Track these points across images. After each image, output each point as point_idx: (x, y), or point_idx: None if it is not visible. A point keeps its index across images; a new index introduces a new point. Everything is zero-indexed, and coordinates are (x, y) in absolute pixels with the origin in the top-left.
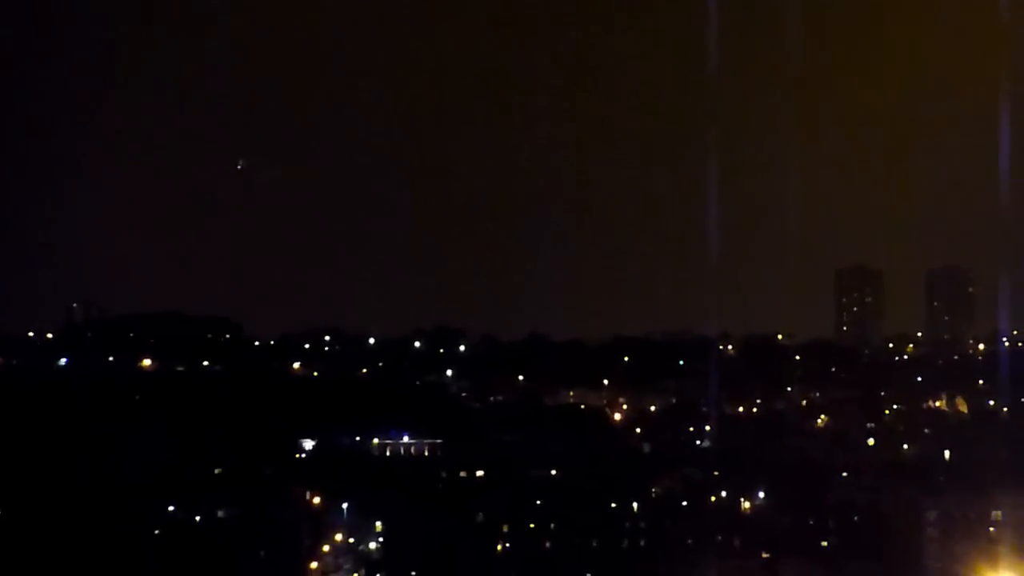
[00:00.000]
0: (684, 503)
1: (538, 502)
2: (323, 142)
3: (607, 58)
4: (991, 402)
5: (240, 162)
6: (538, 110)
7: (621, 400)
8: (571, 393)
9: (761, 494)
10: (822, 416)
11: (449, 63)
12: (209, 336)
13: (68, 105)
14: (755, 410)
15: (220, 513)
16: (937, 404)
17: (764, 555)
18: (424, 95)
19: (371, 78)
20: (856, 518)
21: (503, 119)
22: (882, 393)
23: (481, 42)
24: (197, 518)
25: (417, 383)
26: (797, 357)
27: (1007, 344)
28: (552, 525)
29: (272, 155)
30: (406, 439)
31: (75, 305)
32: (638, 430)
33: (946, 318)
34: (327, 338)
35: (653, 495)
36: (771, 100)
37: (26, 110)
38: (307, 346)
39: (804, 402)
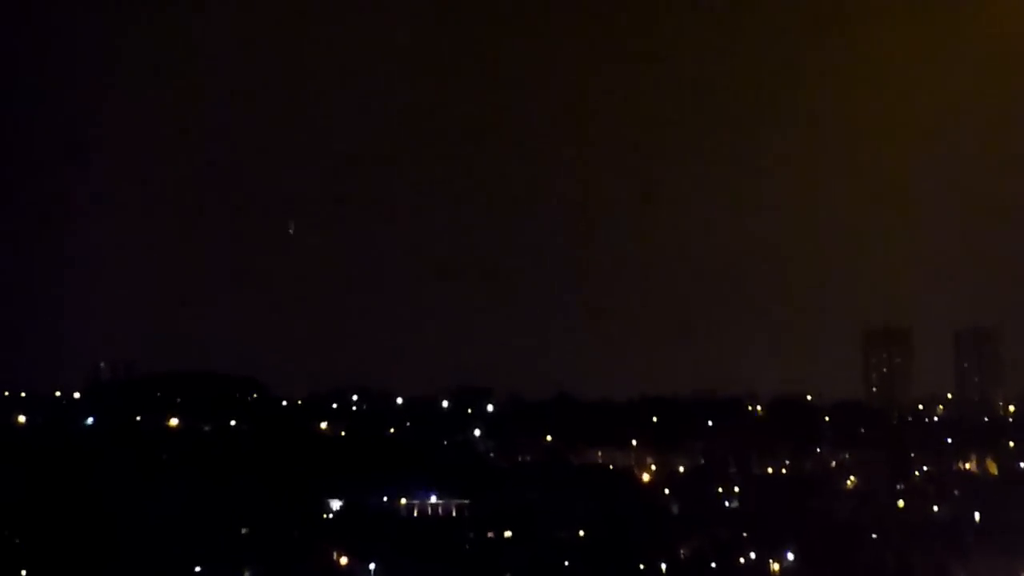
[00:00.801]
0: (712, 564)
1: (566, 562)
2: (347, 202)
3: (621, 106)
4: (1021, 464)
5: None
6: (566, 166)
7: (649, 460)
8: (599, 453)
9: (790, 555)
10: (851, 477)
11: (471, 116)
12: (236, 395)
13: (96, 162)
14: (784, 470)
15: (247, 573)
16: (967, 466)
17: None
18: (446, 151)
19: (391, 134)
20: None
21: (527, 176)
22: (911, 454)
23: (508, 90)
24: None
25: (444, 442)
26: (826, 417)
27: None
28: None
29: (298, 215)
30: (433, 499)
31: (102, 364)
32: (666, 490)
33: (976, 379)
34: (354, 397)
35: (681, 556)
36: (802, 158)
37: (53, 164)
38: (334, 405)
39: (833, 463)
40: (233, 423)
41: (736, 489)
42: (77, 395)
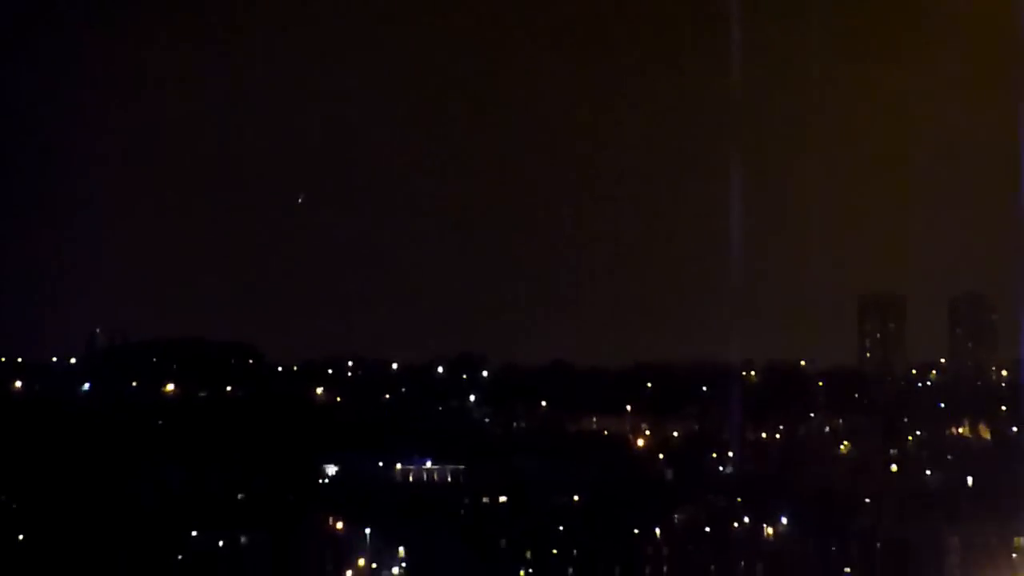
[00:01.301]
0: (707, 529)
1: (560, 528)
2: (344, 170)
3: (626, 77)
4: (1014, 428)
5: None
6: (563, 142)
7: (643, 426)
8: (593, 419)
9: (784, 521)
10: (845, 443)
11: (476, 106)
12: (232, 362)
13: (95, 135)
14: (778, 436)
15: (242, 539)
16: (960, 431)
17: None
18: (445, 124)
19: (398, 111)
20: (879, 545)
21: (524, 146)
22: (905, 420)
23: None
24: (220, 543)
25: (440, 409)
26: (820, 383)
27: None
28: (575, 551)
29: (295, 183)
30: (429, 464)
31: (97, 331)
32: (660, 456)
33: (969, 345)
34: (350, 364)
35: (676, 521)
36: (795, 124)
37: (53, 138)
38: (330, 372)
39: (827, 428)
40: (228, 389)
41: (730, 455)
42: (73, 361)
